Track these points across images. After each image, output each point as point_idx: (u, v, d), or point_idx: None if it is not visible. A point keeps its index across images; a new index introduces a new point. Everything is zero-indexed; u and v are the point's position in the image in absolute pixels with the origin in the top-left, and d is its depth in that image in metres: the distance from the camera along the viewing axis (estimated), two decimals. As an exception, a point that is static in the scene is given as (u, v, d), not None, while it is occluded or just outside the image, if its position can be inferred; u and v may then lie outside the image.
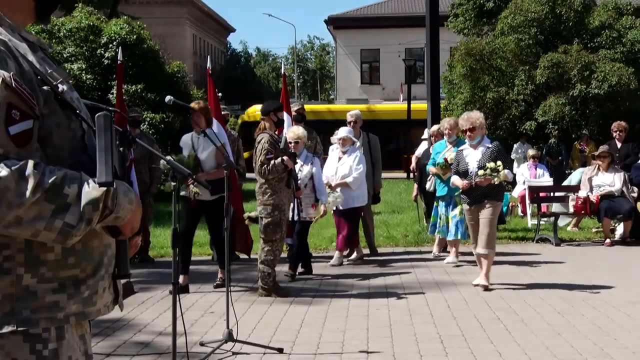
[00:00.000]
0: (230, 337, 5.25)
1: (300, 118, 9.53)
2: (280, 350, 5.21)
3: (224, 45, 67.96)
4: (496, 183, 7.30)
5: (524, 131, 19.27)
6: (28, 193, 1.63)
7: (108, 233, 1.88)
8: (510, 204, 13.59)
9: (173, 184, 3.64)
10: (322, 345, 5.40)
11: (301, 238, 8.34)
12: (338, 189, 8.87)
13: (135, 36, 19.12)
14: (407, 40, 36.47)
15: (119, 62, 9.30)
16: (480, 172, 7.33)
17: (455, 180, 7.71)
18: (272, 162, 7.03)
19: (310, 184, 8.30)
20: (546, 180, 13.46)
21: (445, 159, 8.98)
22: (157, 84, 18.92)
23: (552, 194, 12.38)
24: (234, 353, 5.17)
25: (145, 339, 5.62)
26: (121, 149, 1.90)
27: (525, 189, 12.78)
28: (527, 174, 13.55)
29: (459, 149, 8.10)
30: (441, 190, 9.15)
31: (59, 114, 1.81)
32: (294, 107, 9.67)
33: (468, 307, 6.63)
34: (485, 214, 7.39)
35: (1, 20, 1.82)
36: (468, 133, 7.65)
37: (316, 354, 5.20)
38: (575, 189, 11.35)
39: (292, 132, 8.05)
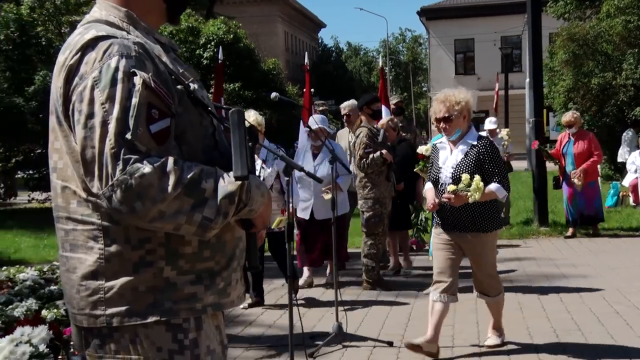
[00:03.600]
0: (339, 330, 5.29)
1: (399, 111, 9.49)
2: (390, 344, 5.20)
3: (316, 41, 68.41)
4: (471, 202, 4.74)
5: (633, 117, 18.38)
6: (170, 188, 1.69)
7: (240, 226, 1.93)
8: (621, 193, 13.04)
9: (286, 178, 3.69)
10: (432, 338, 5.35)
11: (277, 252, 6.50)
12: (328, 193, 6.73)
13: (231, 35, 19.55)
14: (502, 28, 35.56)
15: (219, 61, 9.52)
16: (451, 186, 4.82)
17: (427, 193, 5.24)
18: (371, 155, 7.02)
19: (277, 184, 6.54)
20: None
21: (422, 155, 7.11)
22: (253, 81, 19.29)
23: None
24: (344, 346, 5.20)
25: (255, 332, 5.73)
26: (250, 143, 1.94)
27: (637, 177, 12.22)
28: (639, 162, 12.94)
29: (435, 142, 5.72)
30: None
31: (192, 111, 1.87)
32: (393, 100, 9.63)
33: (582, 301, 6.40)
34: (473, 253, 5.00)
35: (136, 23, 1.90)
36: (442, 124, 5.01)
37: (426, 347, 5.15)
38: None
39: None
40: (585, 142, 10.04)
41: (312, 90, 10.82)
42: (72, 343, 4.62)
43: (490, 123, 10.75)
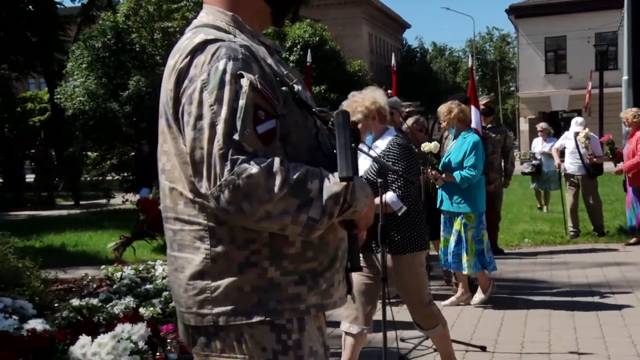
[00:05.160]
0: (431, 334, 5.21)
1: (488, 111, 9.29)
2: (484, 349, 5.10)
3: (400, 41, 68.02)
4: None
5: None
6: (276, 189, 1.70)
7: (343, 227, 1.93)
8: None
9: (379, 180, 3.67)
10: (527, 344, 5.22)
11: None
12: None
13: (317, 38, 19.68)
14: (597, 24, 34.33)
15: (307, 63, 9.60)
16: None
17: None
18: (461, 156, 6.90)
19: None
20: None
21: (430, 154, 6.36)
22: (339, 84, 19.34)
23: None
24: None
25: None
26: (352, 144, 1.94)
27: None
28: None
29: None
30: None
31: (297, 113, 1.88)
32: (482, 101, 9.44)
33: (687, 308, 6.09)
34: (390, 278, 4.14)
35: (242, 27, 1.93)
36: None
37: (521, 353, 5.03)
38: None
39: None
40: (633, 141, 9.50)
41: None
42: (169, 340, 4.76)
43: (576, 125, 10.39)
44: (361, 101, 4.23)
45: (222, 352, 1.85)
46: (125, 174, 17.31)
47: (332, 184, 1.77)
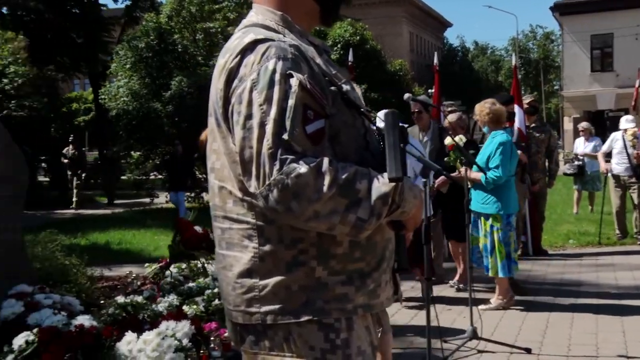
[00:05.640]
0: (474, 335, 5.18)
1: (532, 110, 9.17)
2: (529, 351, 5.03)
3: (441, 40, 67.53)
4: None
5: None
6: (325, 188, 1.70)
7: (391, 227, 1.92)
8: None
9: (423, 180, 3.65)
10: (574, 347, 5.13)
11: None
12: None
13: (358, 37, 19.65)
14: (646, 21, 33.51)
15: (349, 63, 9.60)
16: None
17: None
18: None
19: None
20: None
21: (452, 146, 6.15)
22: (380, 83, 19.28)
23: None
24: (479, 351, 5.08)
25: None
26: (401, 145, 1.92)
27: None
28: None
29: None
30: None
31: (345, 112, 1.87)
32: (526, 100, 9.31)
33: None
34: None
35: (291, 27, 1.93)
36: None
37: (568, 356, 4.95)
38: None
39: None
40: None
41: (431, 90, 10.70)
42: (212, 338, 4.80)
43: (625, 122, 10.16)
44: None
45: (270, 350, 1.86)
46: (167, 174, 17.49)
47: (381, 184, 1.76)
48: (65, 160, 18.79)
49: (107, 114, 18.85)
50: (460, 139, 6.35)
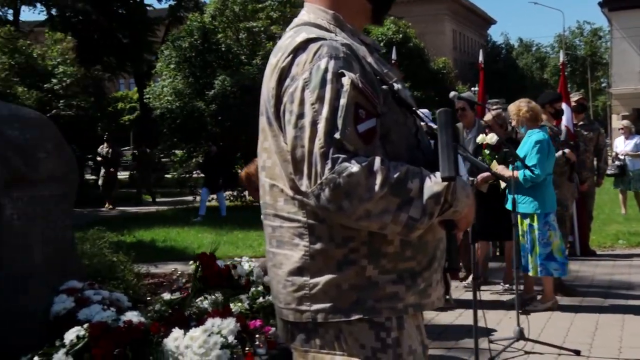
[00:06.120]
0: (521, 336, 5.10)
1: (580, 108, 9.01)
2: (578, 353, 4.94)
3: (484, 38, 66.78)
4: None
5: None
6: (377, 187, 1.69)
7: (442, 227, 1.90)
8: None
9: (471, 179, 3.61)
10: (625, 349, 5.02)
11: None
12: None
13: (400, 35, 19.56)
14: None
15: (392, 61, 9.57)
16: None
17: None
18: (553, 155, 6.73)
19: None
20: None
21: (486, 145, 6.22)
22: (423, 81, 19.16)
23: None
24: (526, 352, 5.01)
25: (430, 332, 5.66)
26: (454, 143, 1.91)
27: None
28: None
29: None
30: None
31: (397, 111, 1.86)
32: (574, 97, 9.16)
33: None
34: None
35: (343, 25, 1.93)
36: None
37: (619, 358, 4.85)
38: None
39: None
40: None
41: (476, 88, 10.58)
42: (257, 336, 4.83)
43: None
44: None
45: (321, 349, 1.86)
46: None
47: (433, 183, 1.75)
48: (99, 159, 18.90)
49: (151, 113, 19.10)
50: (491, 137, 6.24)
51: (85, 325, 4.03)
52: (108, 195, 18.37)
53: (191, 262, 6.75)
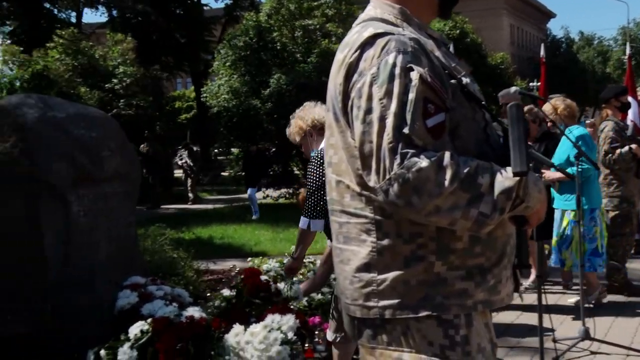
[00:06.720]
0: (587, 335, 4.98)
1: (647, 102, 8.75)
2: (646, 354, 4.80)
3: (543, 32, 65.43)
4: None
5: None
6: (446, 183, 1.67)
7: (513, 222, 1.87)
8: None
9: (535, 175, 3.54)
10: (694, 351, 4.85)
11: None
12: None
13: (458, 31, 19.34)
14: None
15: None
16: None
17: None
18: (618, 150, 6.58)
19: None
20: None
21: None
22: (481, 76, 18.90)
23: None
24: (592, 352, 4.89)
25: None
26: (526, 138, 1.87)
27: None
28: None
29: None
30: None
31: (465, 106, 1.84)
32: (640, 91, 8.89)
33: None
34: None
35: (410, 20, 1.91)
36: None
37: (689, 360, 4.69)
38: None
39: None
40: None
41: (538, 83, 10.37)
42: (316, 332, 4.84)
43: None
44: (295, 124, 4.26)
45: (388, 345, 1.85)
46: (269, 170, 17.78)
47: (504, 178, 1.72)
48: (139, 157, 18.76)
49: (208, 112, 19.31)
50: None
51: (149, 320, 4.10)
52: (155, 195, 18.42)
53: (249, 258, 6.82)
